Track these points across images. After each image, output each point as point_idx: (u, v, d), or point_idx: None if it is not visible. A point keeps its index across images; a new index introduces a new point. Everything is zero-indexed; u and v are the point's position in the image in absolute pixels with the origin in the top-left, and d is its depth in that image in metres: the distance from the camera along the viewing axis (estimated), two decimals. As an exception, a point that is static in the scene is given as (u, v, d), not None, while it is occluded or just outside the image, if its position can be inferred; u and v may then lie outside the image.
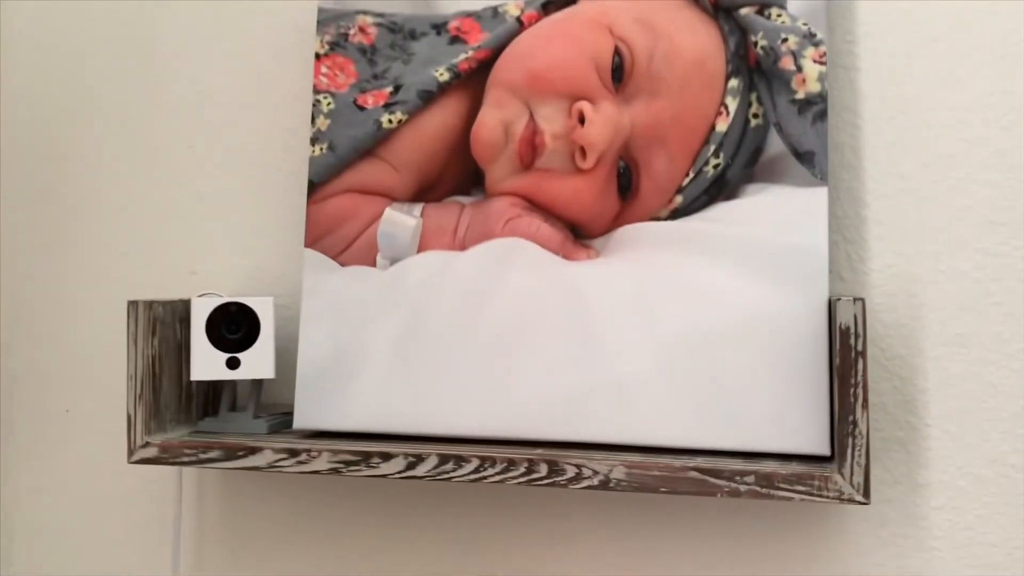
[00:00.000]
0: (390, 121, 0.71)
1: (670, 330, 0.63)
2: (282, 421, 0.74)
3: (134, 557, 0.84)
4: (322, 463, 0.66)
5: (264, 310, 0.71)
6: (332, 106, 0.72)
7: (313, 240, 0.72)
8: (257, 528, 0.81)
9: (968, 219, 0.68)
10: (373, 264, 0.70)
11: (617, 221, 0.68)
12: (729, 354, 0.61)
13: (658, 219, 0.68)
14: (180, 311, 0.75)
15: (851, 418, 0.55)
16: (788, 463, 0.59)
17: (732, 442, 0.60)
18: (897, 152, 0.69)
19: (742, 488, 0.57)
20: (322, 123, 0.72)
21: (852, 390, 0.55)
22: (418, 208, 0.71)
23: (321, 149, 0.71)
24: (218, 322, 0.71)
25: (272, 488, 0.81)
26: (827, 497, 0.56)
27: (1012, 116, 0.67)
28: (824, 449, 0.59)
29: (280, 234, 0.81)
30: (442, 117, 0.72)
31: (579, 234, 0.69)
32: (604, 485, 0.60)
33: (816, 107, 0.65)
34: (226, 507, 0.82)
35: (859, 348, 0.55)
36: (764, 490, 0.57)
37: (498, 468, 0.63)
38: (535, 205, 0.69)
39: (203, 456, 0.69)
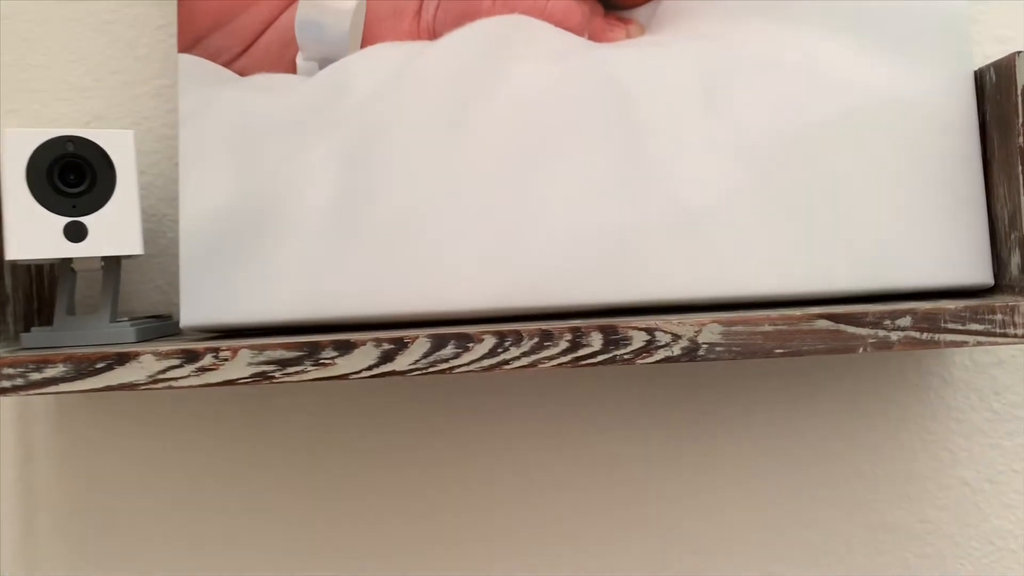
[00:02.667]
0: None
1: (756, 136, 0.44)
2: (157, 327, 0.50)
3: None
4: (239, 367, 0.43)
5: (120, 149, 0.46)
6: None
7: (191, 41, 0.47)
8: (118, 490, 0.56)
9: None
10: (291, 70, 0.47)
11: (663, -18, 0.48)
12: (840, 162, 0.43)
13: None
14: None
15: (1046, 221, 0.39)
16: (945, 300, 0.43)
17: (855, 284, 0.43)
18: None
19: (894, 336, 0.40)
20: None
21: (1044, 181, 0.39)
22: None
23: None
24: (50, 169, 0.46)
25: (151, 420, 0.56)
26: (1016, 336, 0.40)
27: None
28: (987, 278, 0.43)
29: (143, 38, 0.55)
30: None
31: (611, 4, 0.48)
32: (690, 354, 0.41)
33: None
34: (74, 460, 0.57)
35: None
36: (926, 335, 0.40)
37: (525, 347, 0.42)
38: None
39: (36, 377, 0.44)
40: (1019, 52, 0.39)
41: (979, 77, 0.45)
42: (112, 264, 0.48)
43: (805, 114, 0.43)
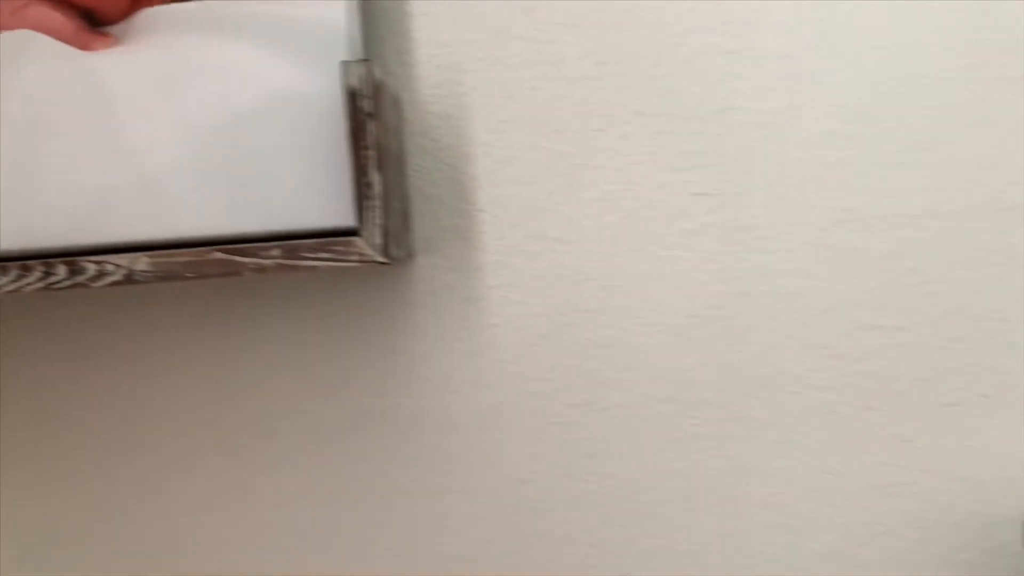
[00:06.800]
0: None
1: (198, 117, 0.60)
2: None
3: None
4: None
5: None
6: None
7: None
8: None
9: (506, 5, 0.70)
10: None
11: (135, 5, 0.63)
12: (256, 137, 0.59)
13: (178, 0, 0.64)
14: None
15: (365, 180, 0.56)
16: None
17: (263, 225, 0.59)
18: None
19: (267, 262, 0.56)
20: None
21: (364, 152, 0.55)
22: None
23: None
24: None
25: None
26: (350, 261, 0.56)
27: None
28: (351, 221, 0.59)
29: None
30: None
31: (95, 22, 0.64)
32: (129, 279, 0.57)
33: None
34: None
35: (368, 109, 0.55)
36: (290, 261, 0.56)
37: (10, 277, 0.57)
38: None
39: None
40: (345, 61, 0.55)
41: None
42: None
43: (232, 103, 0.59)
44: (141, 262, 0.56)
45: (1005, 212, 0.69)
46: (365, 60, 0.55)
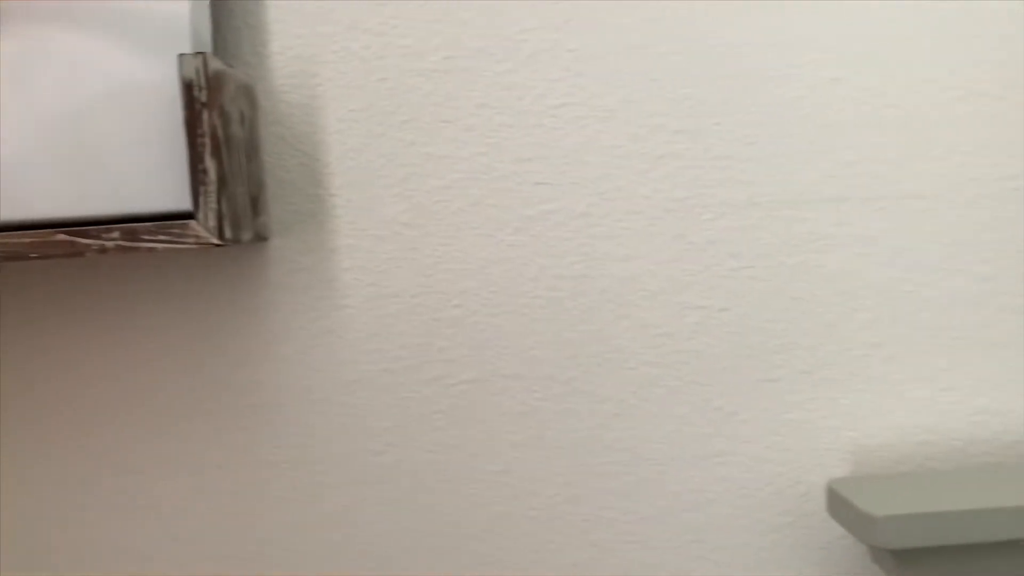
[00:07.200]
0: None
1: (44, 105, 0.63)
2: None
3: None
4: None
5: None
6: None
7: None
8: None
9: (359, 1, 0.74)
10: None
11: (-18, -3, 0.66)
12: (100, 124, 0.62)
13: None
14: None
15: (201, 167, 0.59)
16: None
17: (106, 209, 0.62)
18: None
19: (108, 244, 0.59)
20: None
21: (200, 140, 0.59)
22: None
23: None
24: None
25: None
26: (186, 243, 0.60)
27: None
28: (187, 206, 0.63)
29: None
30: None
31: None
32: (-26, 258, 0.60)
33: None
34: None
35: (203, 100, 0.59)
36: (130, 243, 0.59)
37: None
38: None
39: None
40: (181, 55, 0.58)
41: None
42: None
43: (78, 93, 0.62)
44: (-13, 243, 0.59)
45: (820, 203, 0.75)
46: (200, 53, 0.58)
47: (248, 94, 0.70)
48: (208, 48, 0.65)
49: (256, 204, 0.70)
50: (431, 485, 0.77)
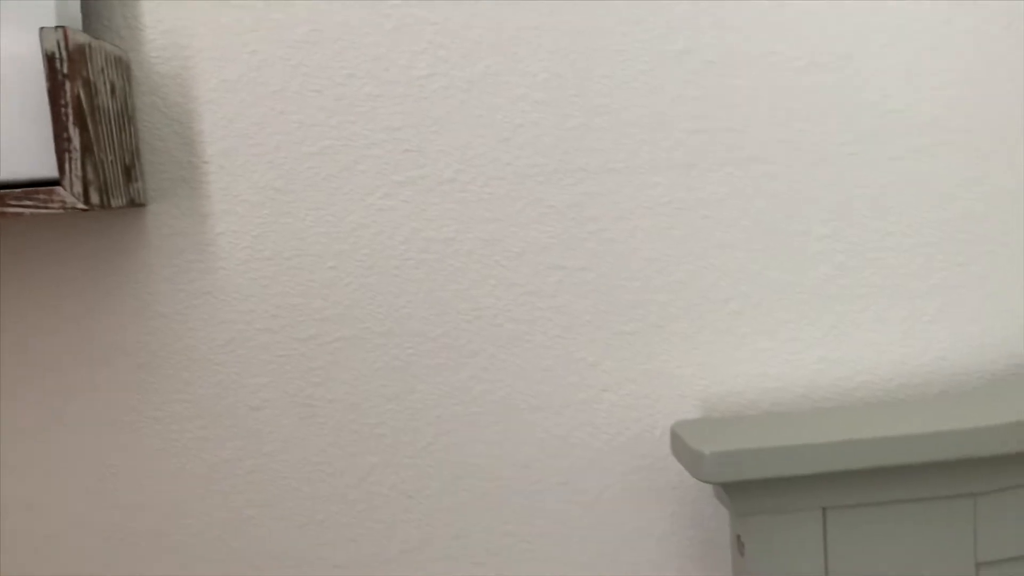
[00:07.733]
0: None
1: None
2: None
3: None
4: None
5: None
6: None
7: None
8: None
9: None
10: None
11: None
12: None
13: None
14: None
15: (65, 135, 0.62)
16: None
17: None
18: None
19: (-17, 210, 0.62)
20: None
21: (63, 110, 0.61)
22: None
23: None
24: None
25: None
26: (52, 208, 0.63)
27: None
28: (54, 173, 0.65)
29: None
30: None
31: None
32: None
33: None
34: None
35: (65, 71, 0.61)
36: (-4, 209, 0.62)
37: None
38: None
39: None
40: (42, 28, 0.61)
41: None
42: None
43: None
44: None
45: (670, 170, 0.81)
46: (61, 27, 0.61)
47: (121, 65, 0.72)
48: (77, 21, 0.67)
49: (130, 172, 0.73)
50: (307, 438, 0.81)
